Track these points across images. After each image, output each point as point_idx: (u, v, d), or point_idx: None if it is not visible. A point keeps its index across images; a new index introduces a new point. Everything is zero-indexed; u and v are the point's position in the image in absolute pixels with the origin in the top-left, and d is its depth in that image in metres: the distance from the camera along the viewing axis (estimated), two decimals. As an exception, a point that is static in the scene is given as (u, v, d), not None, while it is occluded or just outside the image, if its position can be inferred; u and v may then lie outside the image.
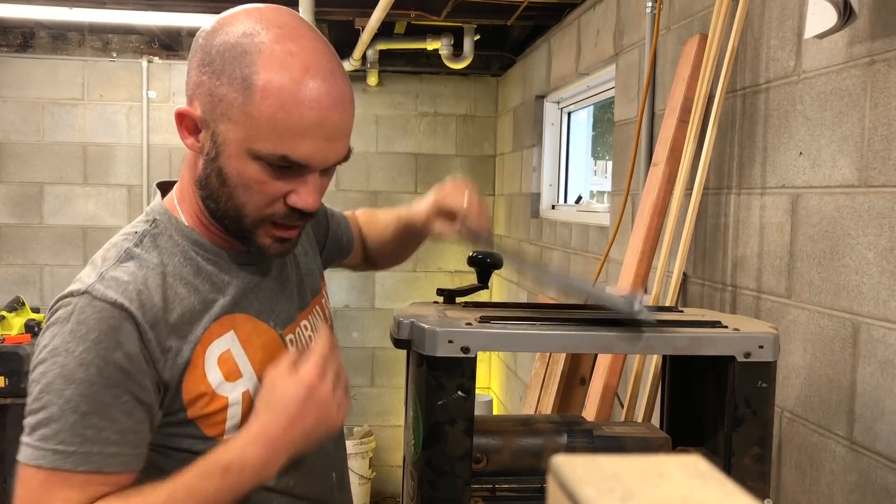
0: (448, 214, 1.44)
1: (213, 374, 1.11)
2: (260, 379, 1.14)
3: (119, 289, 1.06)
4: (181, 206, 1.18)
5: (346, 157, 1.13)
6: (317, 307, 1.36)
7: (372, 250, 1.68)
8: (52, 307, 1.08)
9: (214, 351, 1.12)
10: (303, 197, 1.09)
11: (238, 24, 1.06)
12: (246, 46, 1.03)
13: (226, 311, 1.14)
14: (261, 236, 1.13)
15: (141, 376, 1.05)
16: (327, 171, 1.13)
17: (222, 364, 1.12)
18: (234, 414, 1.13)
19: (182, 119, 1.10)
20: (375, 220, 1.68)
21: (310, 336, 1.29)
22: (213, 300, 1.14)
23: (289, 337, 1.24)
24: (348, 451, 4.91)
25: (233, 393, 1.13)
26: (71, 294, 1.07)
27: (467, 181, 1.48)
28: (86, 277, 1.08)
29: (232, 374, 1.13)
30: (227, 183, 1.08)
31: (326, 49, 1.10)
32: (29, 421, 1.03)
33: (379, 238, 1.66)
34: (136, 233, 1.15)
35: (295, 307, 1.28)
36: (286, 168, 1.07)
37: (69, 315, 1.04)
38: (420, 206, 1.51)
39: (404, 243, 1.65)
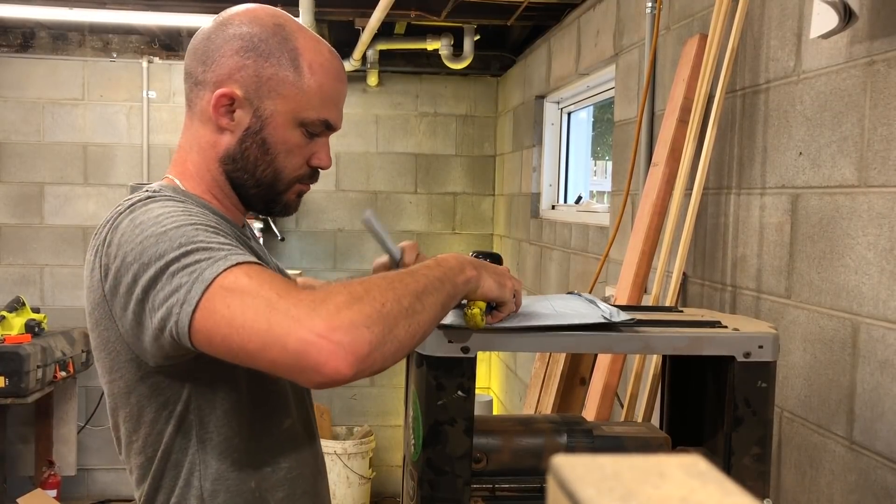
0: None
1: None
2: None
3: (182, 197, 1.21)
4: (185, 185, 1.27)
5: None
6: None
7: None
8: (111, 220, 1.16)
9: None
10: (322, 157, 1.30)
11: (265, 17, 1.24)
12: (284, 34, 1.23)
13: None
14: (289, 195, 1.30)
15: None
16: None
17: None
18: None
19: (220, 101, 1.22)
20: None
21: None
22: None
23: None
24: (348, 451, 4.93)
25: None
26: (137, 200, 1.17)
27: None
28: (136, 196, 1.18)
29: None
30: (269, 151, 1.24)
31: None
32: (175, 257, 1.05)
33: None
34: (144, 194, 1.21)
35: None
36: (316, 133, 1.26)
37: (147, 200, 1.16)
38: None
39: None
